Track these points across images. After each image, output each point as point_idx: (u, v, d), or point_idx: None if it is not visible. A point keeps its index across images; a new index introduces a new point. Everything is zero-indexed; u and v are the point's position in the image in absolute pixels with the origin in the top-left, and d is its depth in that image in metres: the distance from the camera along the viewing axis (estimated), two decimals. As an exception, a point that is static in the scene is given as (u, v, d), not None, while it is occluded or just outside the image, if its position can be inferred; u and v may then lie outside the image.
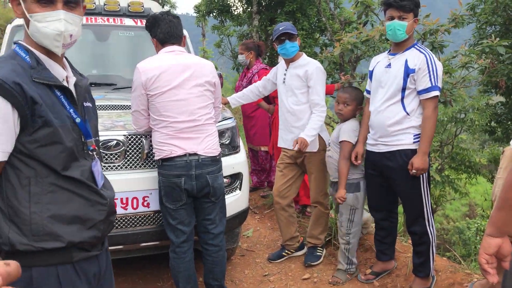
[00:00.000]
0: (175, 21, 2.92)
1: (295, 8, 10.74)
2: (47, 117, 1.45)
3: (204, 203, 2.91)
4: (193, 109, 2.80)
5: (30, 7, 1.47)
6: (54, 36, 1.48)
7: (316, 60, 3.76)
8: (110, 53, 4.35)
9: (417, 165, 2.97)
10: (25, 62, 1.49)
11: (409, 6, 2.97)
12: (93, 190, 1.61)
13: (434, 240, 3.16)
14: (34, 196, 1.48)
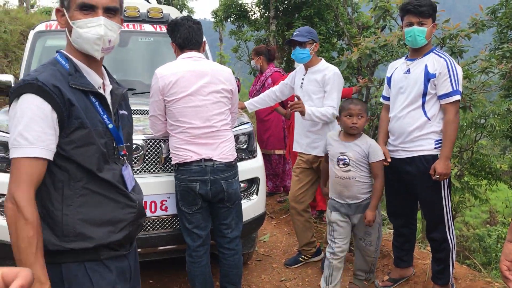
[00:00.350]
0: (195, 27, 2.94)
1: (312, 12, 10.74)
2: (83, 119, 1.55)
3: (220, 208, 2.92)
4: (209, 115, 2.82)
5: (73, 15, 1.59)
6: (94, 40, 1.59)
7: (334, 66, 3.75)
8: (130, 58, 4.40)
9: (440, 170, 2.94)
10: (64, 69, 1.59)
11: (428, 11, 2.96)
12: (122, 193, 1.67)
13: (454, 247, 3.12)
14: (66, 199, 1.56)
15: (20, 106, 1.49)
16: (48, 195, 1.56)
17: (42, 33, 4.10)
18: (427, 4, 2.97)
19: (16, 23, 9.24)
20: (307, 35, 3.65)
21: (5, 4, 12.07)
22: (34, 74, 1.52)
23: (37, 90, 1.48)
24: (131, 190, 1.75)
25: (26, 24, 9.32)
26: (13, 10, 10.86)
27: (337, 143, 3.15)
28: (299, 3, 10.90)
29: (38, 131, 1.46)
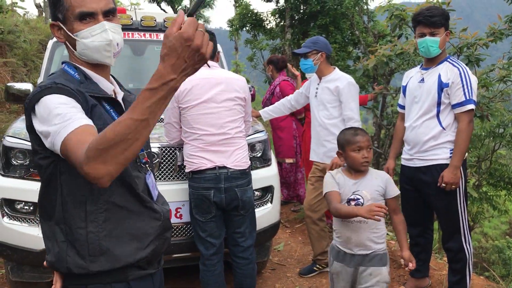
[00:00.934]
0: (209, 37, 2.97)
1: (328, 21, 10.75)
2: (104, 121, 1.45)
3: (234, 216, 2.92)
4: (223, 122, 2.83)
5: (73, 27, 1.50)
6: (104, 47, 1.51)
7: (348, 75, 3.74)
8: (146, 67, 4.45)
9: (447, 178, 2.92)
10: (74, 78, 1.51)
11: (440, 21, 2.95)
12: (147, 205, 1.56)
13: (471, 257, 3.07)
14: (90, 215, 1.45)
15: (42, 107, 1.36)
16: (70, 214, 1.45)
17: (61, 43, 4.16)
18: (438, 14, 2.96)
19: (35, 32, 9.41)
20: (310, 45, 3.66)
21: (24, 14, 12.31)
22: (50, 80, 1.44)
23: (57, 90, 1.39)
24: (156, 200, 1.65)
25: (45, 33, 9.48)
26: (33, 20, 11.07)
27: (347, 182, 2.59)
28: (315, 12, 10.91)
29: (72, 111, 1.33)
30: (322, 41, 3.71)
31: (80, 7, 1.48)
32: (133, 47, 4.30)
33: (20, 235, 2.87)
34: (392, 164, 3.42)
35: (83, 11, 1.48)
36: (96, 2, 1.49)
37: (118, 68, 4.14)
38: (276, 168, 3.53)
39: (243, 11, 12.62)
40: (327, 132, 3.66)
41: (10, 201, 2.90)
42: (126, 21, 4.05)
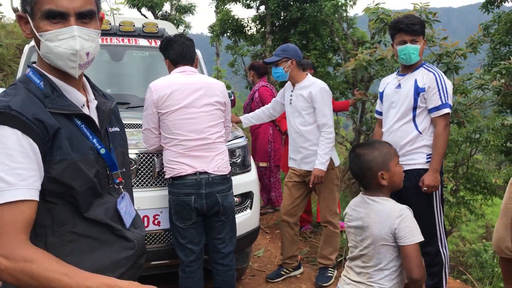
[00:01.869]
0: (188, 43, 2.98)
1: (308, 28, 10.82)
2: (65, 149, 1.28)
3: (214, 222, 2.91)
4: (203, 127, 2.82)
5: (39, 25, 1.29)
6: (68, 56, 1.30)
7: (320, 80, 3.76)
8: (125, 72, 4.42)
9: (427, 182, 2.97)
10: (38, 88, 1.32)
11: (420, 29, 3.02)
12: (117, 233, 1.41)
13: (447, 261, 3.12)
14: (51, 248, 1.28)
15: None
16: None
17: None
18: (418, 22, 3.04)
19: (12, 37, 9.28)
20: (280, 53, 3.67)
21: (1, 18, 12.12)
22: (4, 100, 1.23)
23: (10, 120, 1.19)
24: (131, 224, 1.49)
25: (22, 38, 9.35)
26: (10, 24, 10.91)
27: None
28: (295, 18, 10.98)
29: (16, 168, 1.17)
30: (292, 48, 3.71)
31: (49, 4, 1.26)
32: (111, 52, 4.26)
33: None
34: None
35: (52, 9, 1.26)
36: (69, 1, 1.27)
37: (96, 73, 4.10)
38: (256, 174, 3.53)
39: (224, 17, 12.63)
40: (303, 139, 3.68)
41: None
42: (104, 26, 4.02)
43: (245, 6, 12.40)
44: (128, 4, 19.64)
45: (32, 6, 1.28)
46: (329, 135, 3.56)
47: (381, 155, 2.03)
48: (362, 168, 2.04)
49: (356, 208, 2.12)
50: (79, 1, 1.28)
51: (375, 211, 2.01)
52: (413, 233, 1.92)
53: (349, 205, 2.20)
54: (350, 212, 2.15)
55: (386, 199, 2.04)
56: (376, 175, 2.01)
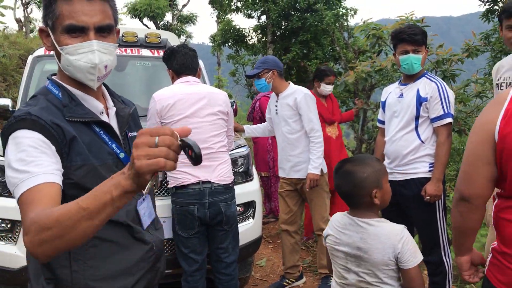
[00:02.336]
0: (190, 54, 3.01)
1: (309, 37, 10.88)
2: (85, 155, 1.33)
3: (217, 231, 2.91)
4: (206, 137, 2.84)
5: (60, 39, 1.34)
6: (88, 69, 1.36)
7: (302, 87, 3.80)
8: (128, 82, 4.44)
9: (430, 191, 2.97)
10: (57, 99, 1.39)
11: (421, 39, 3.04)
12: (136, 236, 1.45)
13: (451, 270, 3.11)
14: (74, 252, 1.33)
15: (12, 144, 1.26)
16: None
17: (41, 58, 4.14)
18: (420, 32, 3.06)
19: (15, 47, 9.34)
20: (260, 66, 3.72)
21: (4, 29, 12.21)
22: (25, 109, 1.31)
23: (30, 124, 1.27)
24: (150, 224, 1.52)
25: (25, 48, 9.42)
26: (13, 35, 10.99)
27: None
28: (296, 28, 11.04)
29: (34, 161, 1.22)
30: (272, 60, 3.77)
31: (70, 19, 1.31)
32: (114, 62, 4.29)
33: (5, 256, 2.79)
34: None
35: (72, 24, 1.31)
36: (89, 15, 1.32)
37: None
38: (258, 183, 3.54)
39: (225, 27, 12.71)
40: (292, 147, 3.71)
41: (-12, 219, 2.84)
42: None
43: (246, 16, 12.48)
44: (130, 14, 19.78)
45: (53, 21, 1.34)
46: (318, 139, 3.60)
47: (374, 171, 1.87)
48: (355, 186, 1.86)
49: (345, 231, 1.92)
50: (98, 16, 1.34)
51: (372, 235, 1.84)
52: (415, 254, 1.83)
53: (333, 226, 1.98)
54: (336, 235, 1.95)
55: (380, 221, 1.89)
56: (370, 193, 1.85)
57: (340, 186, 1.93)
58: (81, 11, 1.32)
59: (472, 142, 1.59)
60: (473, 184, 1.59)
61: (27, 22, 19.86)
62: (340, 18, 9.96)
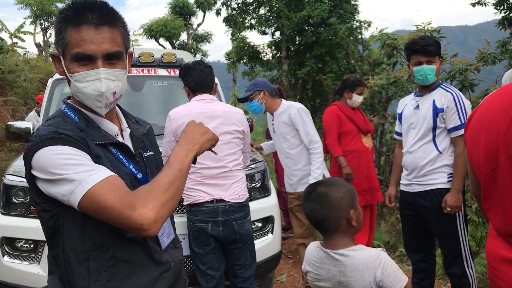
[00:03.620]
0: (206, 71, 3.03)
1: (323, 51, 10.93)
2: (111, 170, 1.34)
3: (232, 249, 2.91)
4: (221, 156, 2.85)
5: (69, 66, 1.36)
6: (95, 97, 1.37)
7: (295, 102, 3.82)
8: (145, 102, 4.51)
9: (450, 202, 2.93)
10: (74, 122, 1.40)
11: (435, 50, 3.03)
12: (155, 256, 1.45)
13: (474, 282, 3.04)
14: (93, 272, 1.34)
15: (44, 158, 1.25)
16: (70, 271, 1.33)
17: (61, 81, 4.24)
18: (433, 43, 3.04)
19: (35, 71, 9.57)
20: (251, 88, 3.79)
21: (25, 54, 12.54)
22: (51, 127, 1.32)
23: (60, 140, 1.28)
24: (169, 244, 1.53)
25: (45, 72, 9.65)
26: (33, 59, 11.27)
27: None
28: (310, 43, 11.11)
29: (85, 162, 1.26)
30: (261, 81, 3.84)
31: (78, 47, 1.33)
32: (132, 82, 4.37)
33: (21, 273, 2.85)
34: (393, 191, 3.45)
35: (80, 52, 1.33)
36: (96, 44, 1.33)
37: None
38: (276, 198, 3.54)
39: (239, 44, 12.85)
40: (295, 162, 3.76)
41: (11, 240, 2.90)
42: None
43: (260, 32, 12.61)
44: (146, 35, 20.14)
45: (63, 48, 1.36)
46: (317, 150, 3.64)
47: (348, 191, 1.78)
48: (332, 207, 1.75)
49: (322, 266, 1.81)
50: (106, 44, 1.34)
51: (350, 267, 1.73)
52: (397, 278, 1.70)
53: (309, 261, 1.89)
54: (314, 271, 1.85)
55: (355, 249, 1.76)
56: (347, 214, 1.75)
57: (313, 211, 1.79)
58: (89, 40, 1.32)
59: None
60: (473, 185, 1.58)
61: (47, 46, 20.38)
62: (354, 31, 10.00)
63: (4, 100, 7.89)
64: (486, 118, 1.40)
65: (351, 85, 4.41)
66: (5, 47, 10.61)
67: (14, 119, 7.65)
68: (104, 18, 1.35)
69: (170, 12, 21.30)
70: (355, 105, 4.44)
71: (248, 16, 14.35)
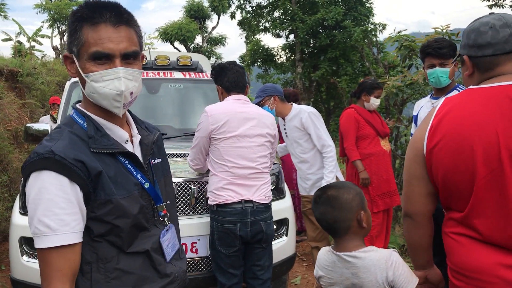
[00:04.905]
0: (241, 71, 3.09)
1: (338, 54, 10.91)
2: (109, 189, 1.32)
3: (255, 248, 2.92)
4: (254, 157, 2.87)
5: (85, 66, 1.33)
6: (114, 97, 1.34)
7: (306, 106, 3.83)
8: (161, 104, 4.55)
9: None
10: (82, 129, 1.36)
11: (448, 52, 3.01)
12: (158, 268, 1.43)
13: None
14: (96, 284, 1.32)
15: (34, 185, 1.25)
16: (76, 284, 1.32)
17: (78, 83, 4.29)
18: (447, 45, 3.02)
19: (52, 74, 9.71)
20: (261, 94, 3.81)
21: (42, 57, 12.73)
22: (48, 144, 1.28)
23: (53, 165, 1.24)
24: (174, 255, 1.52)
25: (62, 75, 9.78)
26: (50, 62, 11.44)
27: None
28: (325, 45, 11.10)
29: (59, 213, 1.22)
30: (271, 87, 3.87)
31: (96, 46, 1.30)
32: (148, 85, 4.42)
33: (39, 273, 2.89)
34: None
35: (99, 51, 1.30)
36: (115, 43, 1.31)
37: (133, 106, 4.23)
38: (290, 200, 3.54)
39: (254, 47, 12.89)
40: (309, 165, 3.79)
41: (29, 239, 2.94)
42: (140, 61, 4.18)
43: (275, 35, 12.64)
44: (161, 38, 20.30)
45: (79, 48, 1.32)
46: (330, 153, 3.66)
47: (357, 193, 1.80)
48: (342, 209, 1.76)
49: (335, 269, 1.82)
50: (124, 43, 1.32)
51: (362, 269, 1.74)
52: (409, 279, 1.72)
53: (321, 266, 1.89)
54: (327, 275, 1.85)
55: (367, 250, 1.77)
56: (358, 215, 1.76)
57: (324, 214, 1.80)
58: (107, 38, 1.30)
59: (406, 160, 1.64)
60: (412, 200, 1.64)
61: (64, 49, 20.67)
62: (369, 34, 9.96)
63: (23, 102, 8.02)
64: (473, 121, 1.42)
65: (368, 88, 4.36)
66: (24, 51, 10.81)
67: (32, 121, 7.77)
68: (122, 17, 1.33)
69: (185, 16, 21.45)
70: (372, 108, 4.39)
71: (262, 19, 14.39)
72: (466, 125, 1.42)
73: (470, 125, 1.41)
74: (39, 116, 8.24)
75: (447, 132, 1.45)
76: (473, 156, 1.40)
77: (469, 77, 1.59)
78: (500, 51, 1.48)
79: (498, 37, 1.48)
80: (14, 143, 6.89)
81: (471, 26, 1.57)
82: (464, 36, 1.59)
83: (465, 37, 1.58)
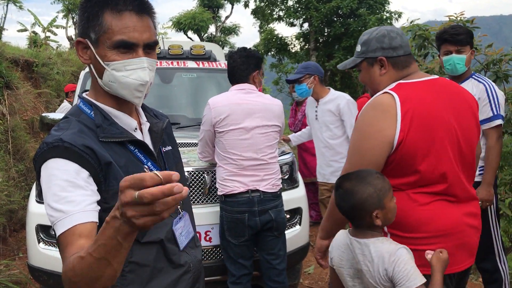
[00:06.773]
0: (238, 61, 2.96)
1: (352, 43, 10.80)
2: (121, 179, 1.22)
3: (267, 237, 2.93)
4: (259, 148, 2.86)
5: (106, 54, 1.28)
6: (137, 87, 1.31)
7: (344, 93, 3.79)
8: (174, 94, 4.57)
9: (481, 196, 2.87)
10: (90, 119, 1.33)
11: (465, 39, 2.97)
12: (172, 258, 1.41)
13: (507, 277, 2.98)
14: None
15: (45, 175, 1.22)
16: None
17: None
18: (463, 32, 2.98)
19: (67, 64, 9.77)
20: (302, 71, 3.76)
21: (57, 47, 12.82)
22: (57, 134, 1.25)
23: (63, 152, 1.21)
24: (188, 243, 1.48)
25: (77, 65, 9.84)
26: (65, 52, 11.50)
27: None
28: (339, 34, 11.00)
29: (67, 196, 1.18)
30: (313, 65, 3.82)
31: (121, 35, 1.26)
32: (162, 75, 4.43)
33: (56, 260, 2.93)
34: None
35: (124, 40, 1.26)
36: (139, 32, 1.28)
37: (148, 96, 4.26)
38: (304, 190, 3.53)
39: (267, 36, 12.83)
40: (333, 152, 3.74)
41: (45, 227, 2.99)
42: (154, 50, 4.19)
43: (289, 24, 12.55)
44: (175, 28, 20.31)
45: (99, 35, 1.28)
46: None
47: (375, 192, 1.72)
48: (355, 207, 1.74)
49: (346, 252, 1.85)
50: (147, 33, 1.30)
51: (369, 257, 1.75)
52: (409, 278, 1.66)
53: (336, 247, 1.92)
54: (339, 256, 1.88)
55: (380, 240, 1.76)
56: (370, 215, 1.72)
57: (340, 206, 1.81)
58: (133, 27, 1.27)
59: (363, 147, 1.81)
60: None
61: (78, 39, 20.77)
62: (384, 22, 9.83)
63: (38, 92, 8.10)
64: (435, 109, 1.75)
65: None
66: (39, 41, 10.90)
67: (47, 111, 7.85)
68: (145, 7, 1.31)
69: (199, 5, 21.41)
70: None
71: (276, 7, 14.30)
72: (432, 114, 1.73)
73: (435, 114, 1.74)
74: (54, 105, 8.33)
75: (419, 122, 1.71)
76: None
77: (384, 76, 1.90)
78: (408, 52, 1.88)
79: (404, 41, 1.89)
80: (30, 133, 6.97)
81: (378, 33, 1.90)
82: (373, 41, 1.90)
83: (375, 41, 1.89)
